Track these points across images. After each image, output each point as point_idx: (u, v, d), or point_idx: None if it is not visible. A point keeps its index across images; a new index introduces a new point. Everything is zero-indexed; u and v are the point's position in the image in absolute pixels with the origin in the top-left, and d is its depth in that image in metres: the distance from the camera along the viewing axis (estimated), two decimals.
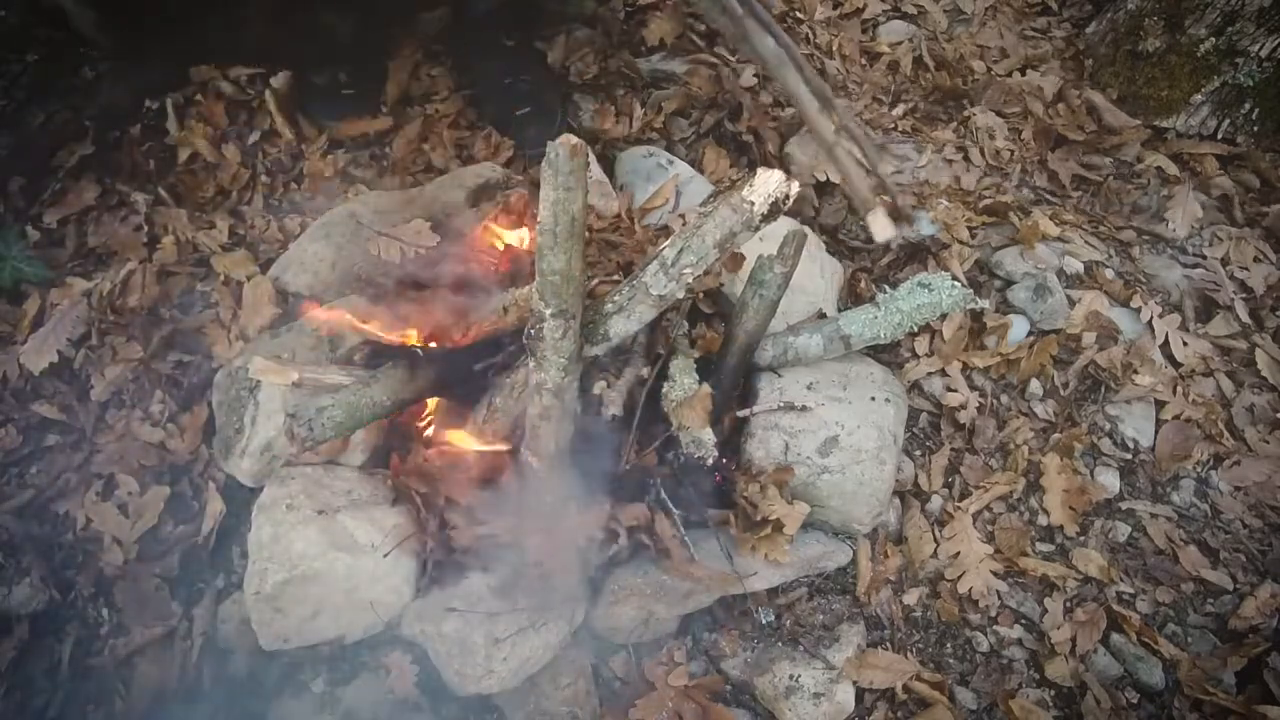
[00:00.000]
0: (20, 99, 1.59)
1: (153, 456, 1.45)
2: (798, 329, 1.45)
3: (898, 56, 2.13)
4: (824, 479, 1.36)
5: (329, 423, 1.20)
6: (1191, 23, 1.90)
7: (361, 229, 1.54)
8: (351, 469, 1.37)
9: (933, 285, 1.38)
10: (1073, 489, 1.51)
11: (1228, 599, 1.45)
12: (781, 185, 0.96)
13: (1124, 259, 1.81)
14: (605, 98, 1.95)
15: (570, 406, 1.19)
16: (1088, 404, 1.63)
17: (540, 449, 1.23)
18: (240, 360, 1.42)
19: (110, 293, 1.56)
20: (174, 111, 1.77)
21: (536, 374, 1.13)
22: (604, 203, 1.69)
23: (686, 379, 1.33)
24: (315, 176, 1.73)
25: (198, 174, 1.75)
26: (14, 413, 1.48)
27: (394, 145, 1.82)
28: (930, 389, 1.62)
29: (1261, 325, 1.72)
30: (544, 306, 1.03)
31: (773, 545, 1.32)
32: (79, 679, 1.31)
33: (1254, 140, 1.95)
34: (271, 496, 1.29)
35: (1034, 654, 1.40)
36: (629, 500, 1.34)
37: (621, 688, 1.32)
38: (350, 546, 1.24)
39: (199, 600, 1.36)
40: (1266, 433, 1.60)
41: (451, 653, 1.22)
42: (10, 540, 1.37)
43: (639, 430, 1.33)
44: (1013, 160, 1.95)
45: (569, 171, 0.89)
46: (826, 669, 1.31)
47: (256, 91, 1.83)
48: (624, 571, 1.31)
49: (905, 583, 1.46)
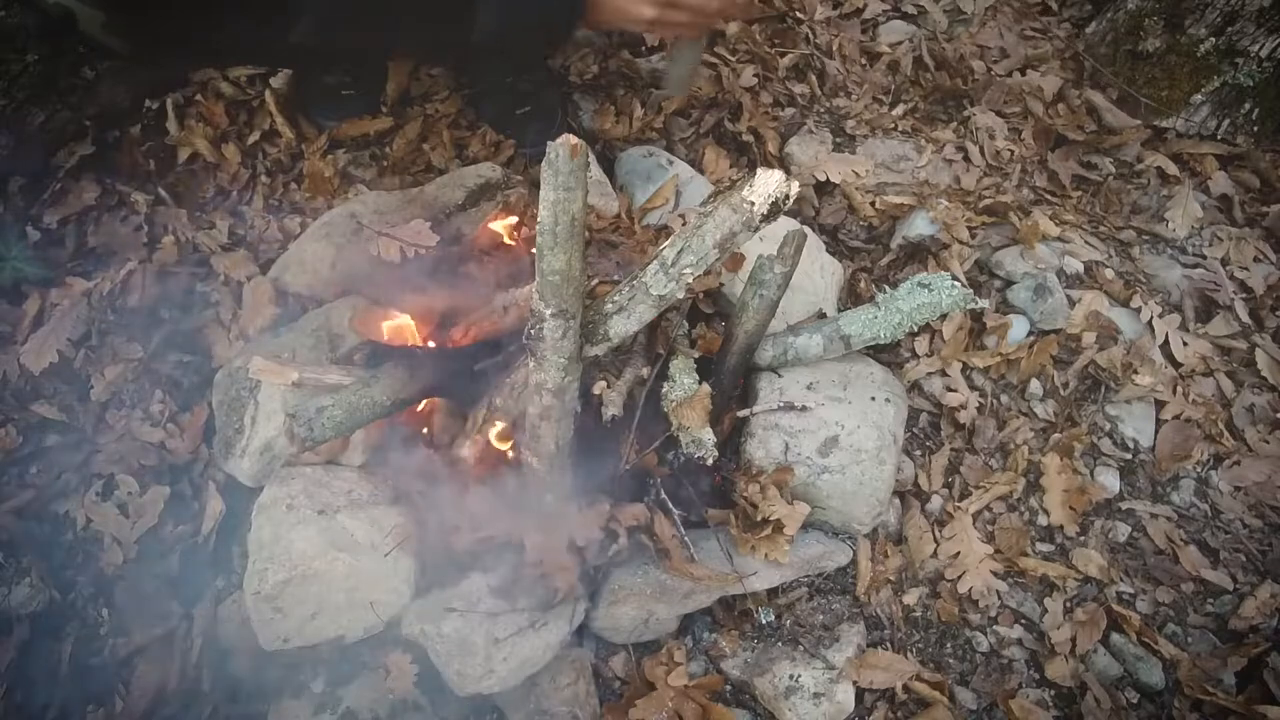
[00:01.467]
0: (20, 99, 1.59)
1: (153, 456, 1.45)
2: (798, 329, 1.45)
3: (898, 56, 2.13)
4: (824, 479, 1.36)
5: (329, 423, 1.20)
6: (1191, 23, 1.90)
7: (361, 229, 1.54)
8: (351, 469, 1.37)
9: (933, 285, 1.38)
10: (1073, 489, 1.51)
11: (1228, 599, 1.45)
12: (781, 185, 0.96)
13: (1124, 259, 1.81)
14: (605, 98, 1.95)
15: (570, 406, 1.19)
16: (1088, 404, 1.63)
17: (540, 449, 1.23)
18: (240, 360, 1.42)
19: (110, 293, 1.56)
20: (174, 111, 1.77)
21: (536, 374, 1.13)
22: (604, 202, 1.69)
23: (686, 379, 1.33)
24: (315, 176, 1.73)
25: (198, 174, 1.75)
26: (14, 413, 1.48)
27: (394, 145, 1.82)
28: (930, 389, 1.62)
29: (1261, 325, 1.72)
30: (544, 306, 1.03)
31: (773, 545, 1.32)
32: (79, 679, 1.30)
33: (1254, 140, 1.95)
34: (271, 496, 1.29)
35: (1034, 654, 1.41)
36: (629, 500, 1.34)
37: (621, 688, 1.32)
38: (350, 546, 1.24)
39: (199, 600, 1.36)
40: (1266, 433, 1.60)
41: (451, 653, 1.22)
42: (10, 540, 1.37)
43: (639, 430, 1.33)
44: (1013, 160, 1.95)
45: (569, 171, 0.89)
46: (826, 669, 1.31)
47: (256, 91, 1.83)
48: (624, 571, 1.31)
49: (905, 583, 1.46)
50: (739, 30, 2.10)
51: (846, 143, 1.99)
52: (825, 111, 2.05)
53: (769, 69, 2.07)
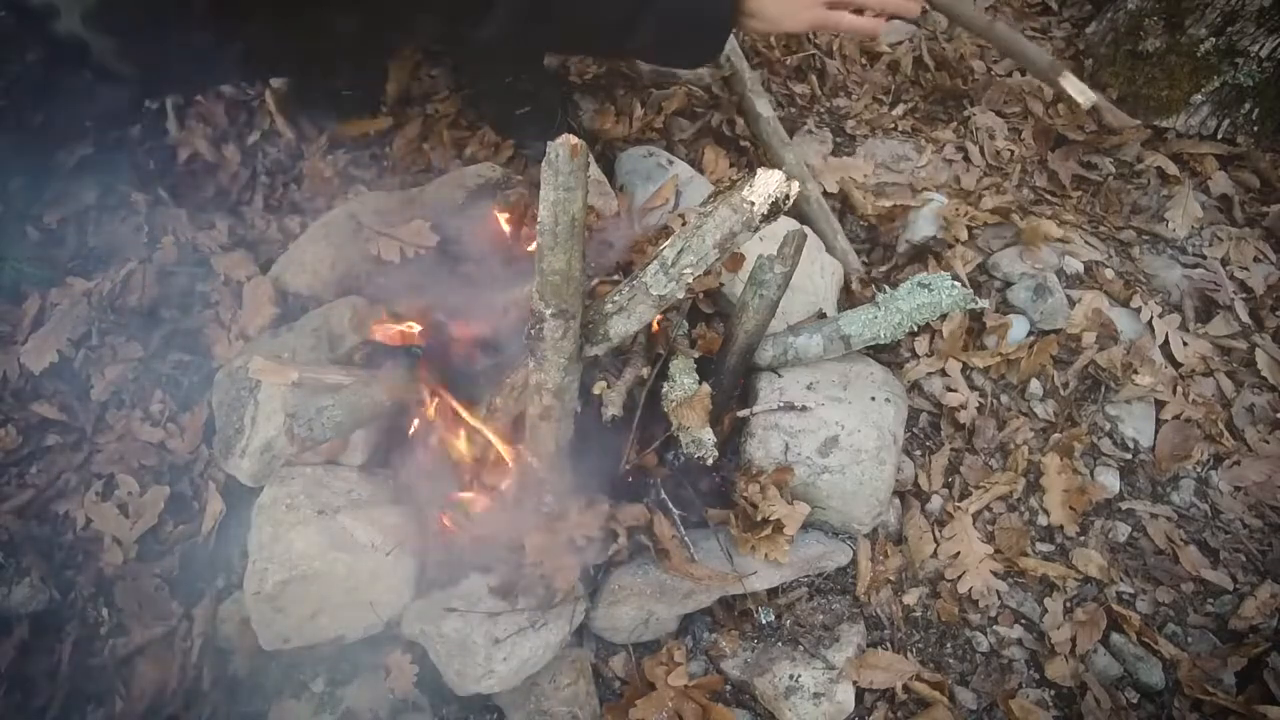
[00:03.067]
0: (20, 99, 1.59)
1: (153, 456, 1.45)
2: (798, 329, 1.45)
3: (898, 56, 2.13)
4: (824, 479, 1.36)
5: (329, 423, 1.20)
6: (1191, 23, 1.90)
7: (361, 229, 1.54)
8: (351, 469, 1.37)
9: (933, 285, 1.38)
10: (1073, 489, 1.51)
11: (1228, 599, 1.45)
12: (782, 185, 0.96)
13: (1124, 259, 1.81)
14: (605, 98, 1.95)
15: (570, 406, 1.19)
16: (1088, 404, 1.63)
17: (540, 449, 1.23)
18: (240, 360, 1.42)
19: (110, 293, 1.56)
20: (174, 111, 1.77)
21: (536, 374, 1.13)
22: (604, 202, 1.69)
23: (686, 379, 1.33)
24: (315, 176, 1.73)
25: (198, 174, 1.75)
26: (14, 413, 1.48)
27: (394, 145, 1.82)
28: (930, 389, 1.62)
29: (1261, 325, 1.72)
30: (544, 306, 1.03)
31: (773, 545, 1.32)
32: (79, 679, 1.31)
33: (1254, 140, 1.95)
34: (271, 496, 1.29)
35: (1034, 654, 1.40)
36: (629, 500, 1.34)
37: (621, 688, 1.32)
38: (350, 546, 1.24)
39: (199, 600, 1.36)
40: (1266, 433, 1.60)
41: (451, 653, 1.22)
42: (10, 540, 1.37)
43: (639, 430, 1.33)
44: (1013, 160, 1.95)
45: (569, 172, 0.89)
46: (826, 669, 1.31)
47: (256, 91, 1.83)
48: (624, 571, 1.31)
49: (905, 583, 1.46)
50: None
51: (846, 143, 1.99)
52: (825, 111, 2.05)
53: (774, 70, 2.07)
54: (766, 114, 1.87)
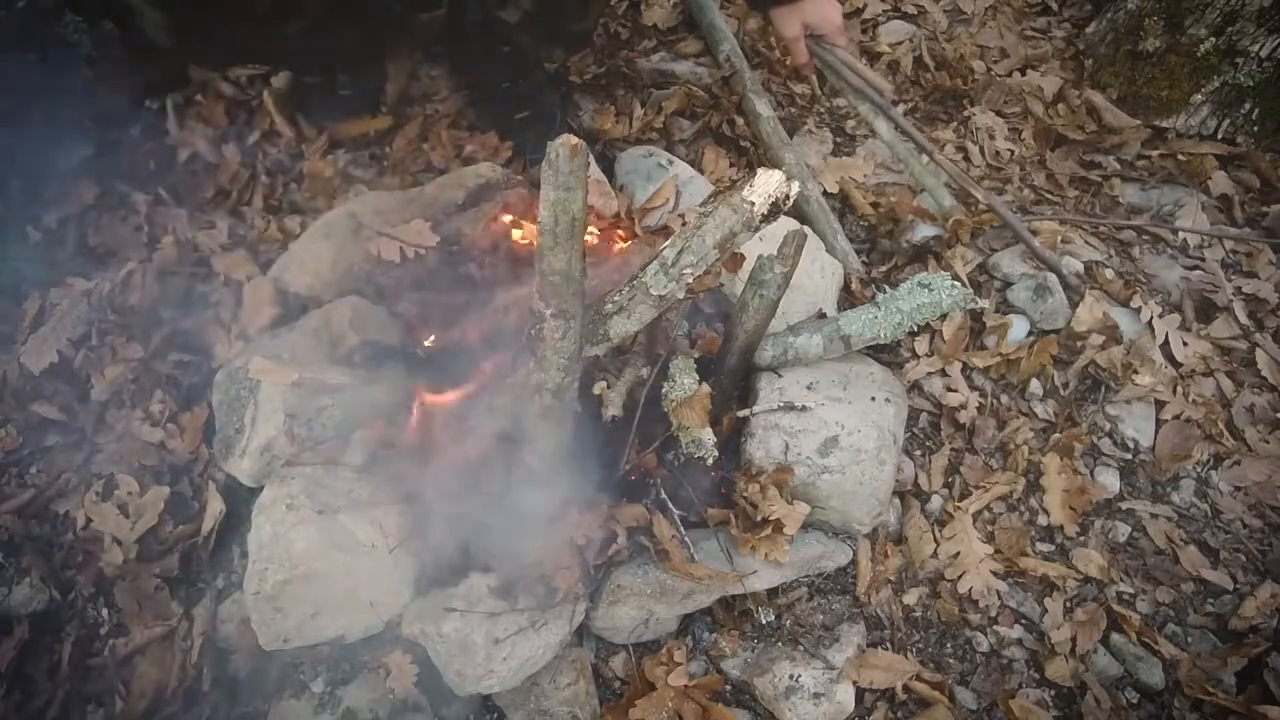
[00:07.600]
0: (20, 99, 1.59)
1: (153, 456, 1.45)
2: (798, 329, 1.45)
3: (898, 56, 2.13)
4: (824, 479, 1.36)
5: (329, 423, 1.20)
6: (1191, 23, 1.90)
7: (361, 229, 1.54)
8: (351, 469, 1.37)
9: (933, 285, 1.38)
10: (1073, 489, 1.51)
11: (1228, 599, 1.45)
12: (781, 185, 0.96)
13: (1124, 259, 1.81)
14: (605, 98, 1.95)
15: (570, 406, 1.19)
16: (1088, 404, 1.63)
17: (540, 449, 1.23)
18: (240, 360, 1.42)
19: (110, 293, 1.56)
20: (174, 111, 1.77)
21: (536, 374, 1.13)
22: (604, 202, 1.69)
23: (686, 379, 1.33)
24: (315, 176, 1.73)
25: (198, 174, 1.75)
26: (14, 413, 1.48)
27: (394, 145, 1.82)
28: (930, 389, 1.62)
29: (1261, 325, 1.72)
30: (544, 306, 1.03)
31: (773, 545, 1.32)
32: (79, 679, 1.31)
33: (1254, 140, 1.95)
34: (271, 496, 1.29)
35: (1034, 654, 1.40)
36: (629, 500, 1.34)
37: (621, 688, 1.32)
38: (350, 546, 1.24)
39: (199, 600, 1.36)
40: (1266, 433, 1.60)
41: (451, 653, 1.22)
42: (10, 540, 1.37)
43: (639, 430, 1.33)
44: (1013, 160, 1.95)
45: (569, 172, 0.89)
46: (826, 669, 1.31)
47: (256, 91, 1.83)
48: (624, 571, 1.31)
49: (905, 583, 1.46)
50: (756, 28, 2.10)
51: (846, 143, 1.99)
52: (825, 111, 2.05)
53: (774, 71, 2.07)
54: (766, 114, 1.87)
